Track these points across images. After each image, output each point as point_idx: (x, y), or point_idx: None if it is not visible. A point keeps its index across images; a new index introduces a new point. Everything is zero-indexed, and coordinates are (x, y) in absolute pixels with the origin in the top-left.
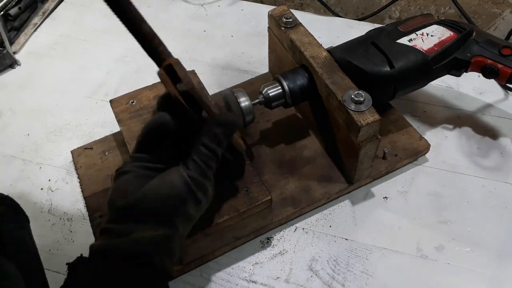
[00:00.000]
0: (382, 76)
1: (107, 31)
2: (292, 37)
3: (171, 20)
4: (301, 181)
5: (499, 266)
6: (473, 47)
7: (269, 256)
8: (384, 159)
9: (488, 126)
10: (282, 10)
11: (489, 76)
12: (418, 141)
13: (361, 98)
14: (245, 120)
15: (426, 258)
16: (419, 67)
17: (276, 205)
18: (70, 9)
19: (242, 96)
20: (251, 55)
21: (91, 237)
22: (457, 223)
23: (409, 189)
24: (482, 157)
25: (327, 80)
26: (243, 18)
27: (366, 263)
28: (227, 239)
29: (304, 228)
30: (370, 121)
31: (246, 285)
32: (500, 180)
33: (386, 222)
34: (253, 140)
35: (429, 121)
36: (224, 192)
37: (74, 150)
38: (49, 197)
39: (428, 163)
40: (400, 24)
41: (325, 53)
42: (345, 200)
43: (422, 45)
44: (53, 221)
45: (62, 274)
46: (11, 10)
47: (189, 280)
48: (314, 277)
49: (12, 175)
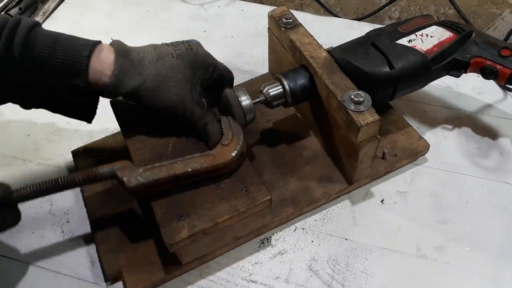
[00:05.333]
0: (381, 76)
1: (107, 31)
2: (292, 37)
3: (171, 20)
4: (301, 181)
5: (499, 266)
6: (472, 48)
7: (269, 256)
8: (384, 159)
9: (487, 126)
10: (282, 10)
11: (488, 77)
12: (418, 141)
13: (360, 98)
14: (246, 119)
15: (426, 258)
16: (418, 68)
17: (276, 205)
18: (70, 10)
19: (243, 95)
20: (251, 55)
21: (91, 237)
22: (457, 223)
23: (409, 189)
24: (481, 157)
25: (327, 80)
26: (243, 18)
27: (366, 263)
28: (227, 239)
29: (304, 228)
30: (370, 121)
31: (246, 285)
32: (500, 180)
33: (386, 222)
34: (253, 140)
35: (429, 121)
36: (224, 192)
37: (74, 150)
38: (49, 197)
39: (428, 163)
40: (399, 24)
41: (325, 54)
42: (345, 200)
43: (421, 46)
44: (53, 221)
45: (62, 274)
46: (11, 10)
47: (189, 280)
48: (313, 277)
49: (12, 175)
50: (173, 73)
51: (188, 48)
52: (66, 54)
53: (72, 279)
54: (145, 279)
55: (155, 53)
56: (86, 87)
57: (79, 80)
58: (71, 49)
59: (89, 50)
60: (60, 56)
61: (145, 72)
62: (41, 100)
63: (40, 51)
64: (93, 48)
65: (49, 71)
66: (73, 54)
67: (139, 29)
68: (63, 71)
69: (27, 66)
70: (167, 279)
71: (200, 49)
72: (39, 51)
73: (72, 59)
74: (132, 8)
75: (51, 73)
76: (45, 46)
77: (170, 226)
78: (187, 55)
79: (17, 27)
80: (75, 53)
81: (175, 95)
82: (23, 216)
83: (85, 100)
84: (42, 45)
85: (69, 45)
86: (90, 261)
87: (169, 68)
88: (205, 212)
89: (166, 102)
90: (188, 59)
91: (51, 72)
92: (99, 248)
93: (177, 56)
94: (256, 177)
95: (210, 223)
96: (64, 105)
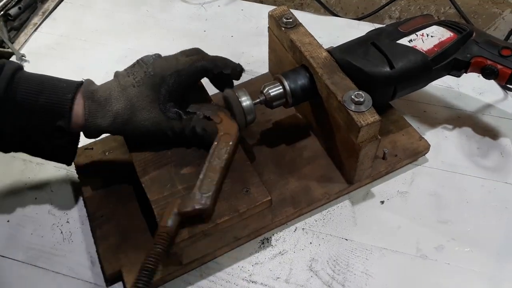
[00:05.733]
0: (382, 76)
1: (107, 31)
2: (292, 37)
3: (171, 20)
4: (301, 181)
5: (499, 266)
6: (473, 48)
7: (269, 256)
8: (384, 159)
9: (488, 126)
10: (282, 10)
11: (489, 77)
12: (418, 141)
13: (361, 98)
14: (246, 120)
15: (426, 258)
16: (419, 67)
17: (276, 205)
18: (70, 9)
19: (243, 96)
20: (251, 55)
21: (91, 237)
22: (457, 223)
23: (409, 189)
24: (482, 157)
25: (327, 80)
26: (243, 18)
27: (366, 263)
28: (227, 239)
29: (304, 228)
30: (370, 121)
31: (246, 285)
32: (500, 180)
33: (386, 222)
34: (253, 140)
35: (429, 121)
36: (224, 193)
37: None
38: (49, 197)
39: (428, 163)
40: (400, 24)
41: (325, 54)
42: (345, 200)
43: (422, 45)
44: (53, 221)
45: (62, 274)
46: (11, 10)
47: (189, 280)
48: (314, 277)
49: (12, 175)
50: (138, 102)
51: (146, 71)
52: (50, 98)
53: (72, 279)
54: None
55: (120, 87)
56: (68, 128)
57: (63, 121)
58: (55, 92)
59: (73, 93)
60: (45, 100)
61: (113, 109)
62: (22, 143)
63: (23, 95)
64: (76, 90)
65: (32, 115)
66: (57, 98)
67: (139, 29)
68: (47, 114)
69: (9, 111)
70: (167, 279)
71: (157, 65)
72: (23, 97)
73: (56, 102)
74: (132, 8)
75: (35, 117)
76: (29, 91)
77: None
78: (146, 79)
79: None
80: (60, 96)
81: (146, 121)
82: (23, 216)
83: (65, 142)
84: (26, 90)
85: (53, 89)
86: (90, 261)
87: (133, 98)
88: None
89: (142, 129)
90: (148, 82)
91: (35, 116)
92: (99, 248)
93: (137, 84)
94: (256, 178)
95: (210, 223)
96: (44, 148)
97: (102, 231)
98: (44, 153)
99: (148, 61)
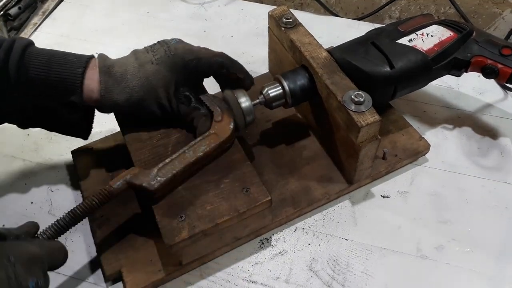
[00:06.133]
0: (382, 76)
1: (107, 31)
2: (292, 37)
3: (171, 20)
4: (301, 181)
5: (499, 266)
6: (473, 47)
7: (269, 256)
8: (384, 159)
9: (488, 126)
10: (282, 10)
11: (489, 76)
12: (418, 141)
13: (361, 98)
14: (246, 121)
15: (426, 258)
16: (419, 67)
17: (276, 205)
18: (70, 9)
19: (242, 97)
20: (251, 55)
21: (91, 237)
22: (457, 223)
23: (409, 189)
24: (482, 157)
25: (327, 80)
26: (243, 18)
27: (366, 263)
28: (227, 239)
29: (304, 228)
30: (370, 121)
31: (246, 285)
32: (500, 180)
33: (386, 222)
34: (253, 140)
35: (429, 121)
36: (224, 193)
37: (74, 150)
38: (49, 197)
39: (428, 163)
40: (400, 24)
41: (325, 54)
42: (345, 200)
43: (422, 45)
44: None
45: (62, 274)
46: (11, 10)
47: (189, 280)
48: (314, 277)
49: (12, 175)
50: (155, 80)
51: (166, 50)
52: (61, 73)
53: (72, 279)
54: (145, 279)
55: (137, 63)
56: (81, 103)
57: (75, 97)
58: (66, 67)
59: (83, 67)
60: (55, 75)
61: (129, 86)
62: (38, 119)
63: (35, 72)
64: (87, 64)
65: (45, 90)
66: (68, 73)
67: (139, 29)
68: (59, 90)
69: (22, 87)
70: (167, 280)
71: (179, 47)
72: (34, 72)
73: (67, 77)
74: (132, 8)
75: (47, 92)
76: (40, 66)
77: (170, 226)
78: (166, 58)
79: (11, 49)
80: (70, 71)
81: (160, 100)
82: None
83: (80, 117)
84: (36, 66)
85: (63, 63)
86: (90, 261)
87: (150, 75)
88: (205, 213)
89: (153, 108)
90: (167, 62)
91: (47, 91)
92: (99, 248)
93: (157, 62)
94: (256, 178)
95: (210, 223)
96: (60, 123)
97: (102, 231)
98: (60, 128)
99: (170, 42)
